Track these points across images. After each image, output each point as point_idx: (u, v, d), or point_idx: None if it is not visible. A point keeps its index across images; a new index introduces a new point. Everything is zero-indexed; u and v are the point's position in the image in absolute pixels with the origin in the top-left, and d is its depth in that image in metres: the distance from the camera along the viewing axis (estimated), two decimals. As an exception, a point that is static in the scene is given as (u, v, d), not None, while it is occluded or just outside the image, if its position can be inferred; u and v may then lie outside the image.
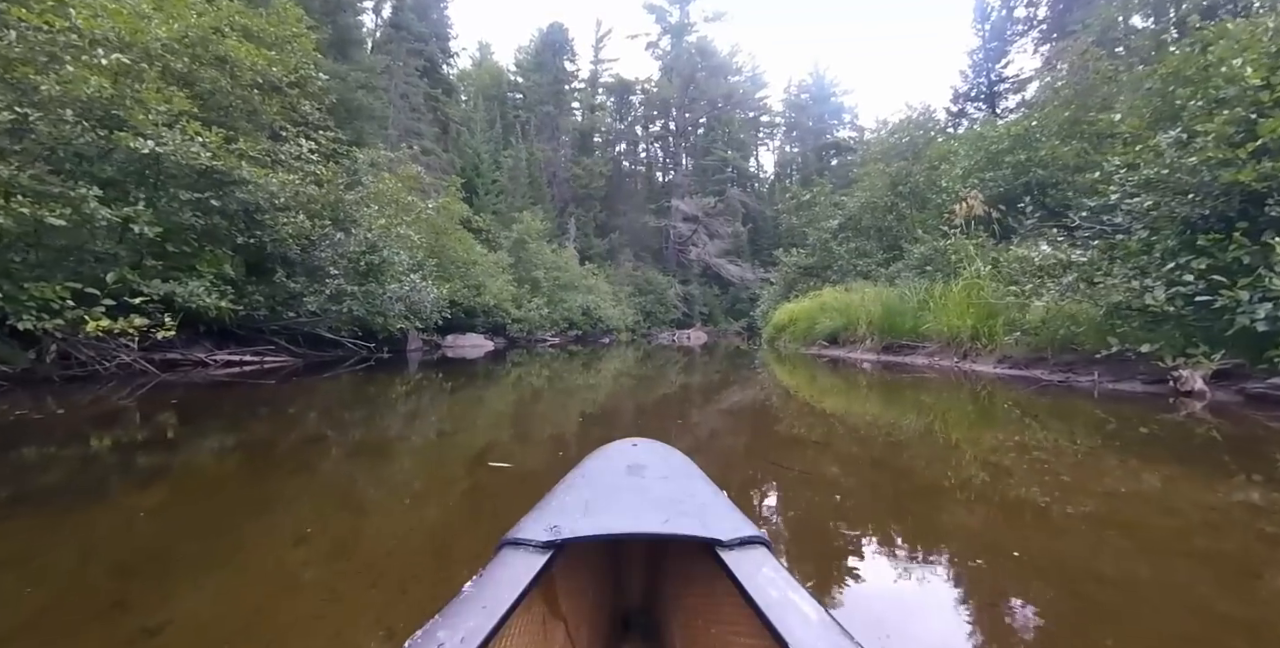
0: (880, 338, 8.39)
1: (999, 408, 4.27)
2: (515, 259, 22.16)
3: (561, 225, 35.29)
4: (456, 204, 16.34)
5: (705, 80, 45.34)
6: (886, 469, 2.62)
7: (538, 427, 4.06)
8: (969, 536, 1.74)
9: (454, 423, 4.17)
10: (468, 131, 31.96)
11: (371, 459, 2.79)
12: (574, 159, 41.75)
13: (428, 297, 10.30)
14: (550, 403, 5.30)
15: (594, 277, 27.59)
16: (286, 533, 1.76)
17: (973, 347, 6.83)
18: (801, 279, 18.00)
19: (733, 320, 40.74)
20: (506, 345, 19.09)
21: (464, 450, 3.05)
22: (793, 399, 5.19)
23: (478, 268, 16.62)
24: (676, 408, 4.75)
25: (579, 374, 8.27)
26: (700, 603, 0.88)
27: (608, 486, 0.98)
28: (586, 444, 2.36)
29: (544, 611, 0.82)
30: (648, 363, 11.15)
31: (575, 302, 23.78)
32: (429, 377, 7.67)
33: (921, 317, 7.98)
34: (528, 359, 12.10)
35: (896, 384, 5.93)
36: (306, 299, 9.36)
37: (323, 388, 6.08)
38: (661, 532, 0.79)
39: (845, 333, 9.56)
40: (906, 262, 10.37)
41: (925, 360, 7.45)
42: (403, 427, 3.88)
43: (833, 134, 53.07)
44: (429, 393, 5.88)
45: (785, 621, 0.61)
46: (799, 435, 3.54)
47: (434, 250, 15.31)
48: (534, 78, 44.40)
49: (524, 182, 32.66)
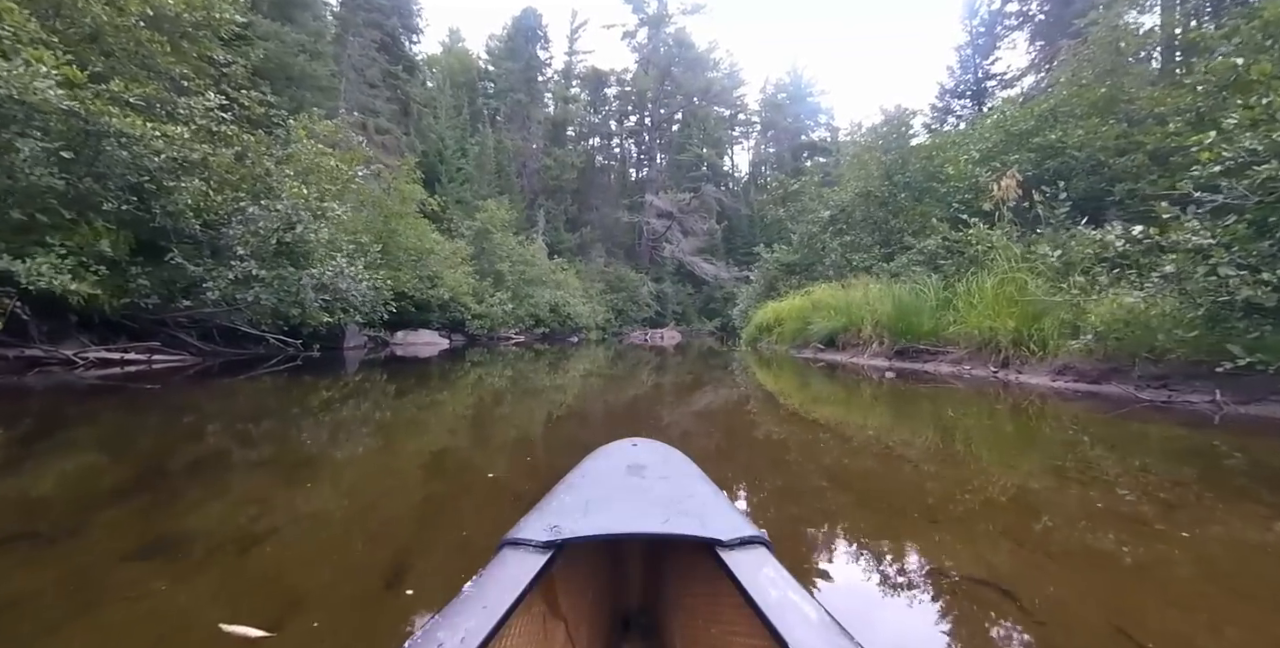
0: (891, 341, 7.21)
1: (1073, 439, 3.06)
2: (478, 250, 20.49)
3: (530, 218, 33.58)
4: (409, 185, 14.64)
5: (682, 74, 44.17)
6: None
7: (480, 455, 3.00)
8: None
9: (379, 443, 3.21)
10: (431, 116, 29.99)
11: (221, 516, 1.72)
12: (545, 150, 39.97)
13: (358, 285, 8.67)
14: (502, 417, 4.26)
15: (563, 271, 26.06)
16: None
17: (1015, 353, 5.67)
18: (784, 277, 16.89)
19: (706, 320, 39.70)
20: (466, 343, 17.51)
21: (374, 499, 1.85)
22: (802, 423, 3.90)
23: (432, 257, 14.96)
24: (661, 427, 3.43)
25: (543, 375, 7.37)
26: (700, 603, 0.88)
27: (608, 485, 0.97)
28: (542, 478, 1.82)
29: (544, 611, 0.81)
30: (619, 364, 9.84)
31: (542, 297, 22.22)
32: (369, 379, 6.55)
33: (943, 317, 6.83)
34: (488, 359, 10.77)
35: (917, 397, 4.71)
36: (207, 285, 7.67)
37: (218, 394, 5.00)
38: (661, 532, 0.78)
39: (845, 335, 8.37)
40: (912, 255, 9.25)
41: (951, 368, 6.28)
42: (308, 448, 2.92)
43: (809, 134, 52.61)
44: (361, 400, 4.87)
45: (785, 621, 0.60)
46: (809, 480, 2.25)
47: (381, 235, 13.63)
48: (505, 65, 42.43)
49: (491, 169, 30.88)
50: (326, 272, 7.87)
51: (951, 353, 6.47)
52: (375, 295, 11.73)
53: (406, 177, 15.05)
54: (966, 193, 8.96)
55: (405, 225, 14.21)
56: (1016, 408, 4.24)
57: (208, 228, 8.31)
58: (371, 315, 12.37)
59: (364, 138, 19.31)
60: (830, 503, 2.07)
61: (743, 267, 43.98)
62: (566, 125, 44.71)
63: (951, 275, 7.54)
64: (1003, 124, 8.32)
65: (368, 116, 20.35)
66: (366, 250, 12.07)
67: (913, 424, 3.74)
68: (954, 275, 7.51)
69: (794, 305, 10.73)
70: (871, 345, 7.48)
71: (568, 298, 23.91)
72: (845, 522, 1.87)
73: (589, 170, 44.14)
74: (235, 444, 2.91)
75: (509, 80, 41.78)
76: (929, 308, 7.00)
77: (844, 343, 8.32)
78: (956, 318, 6.61)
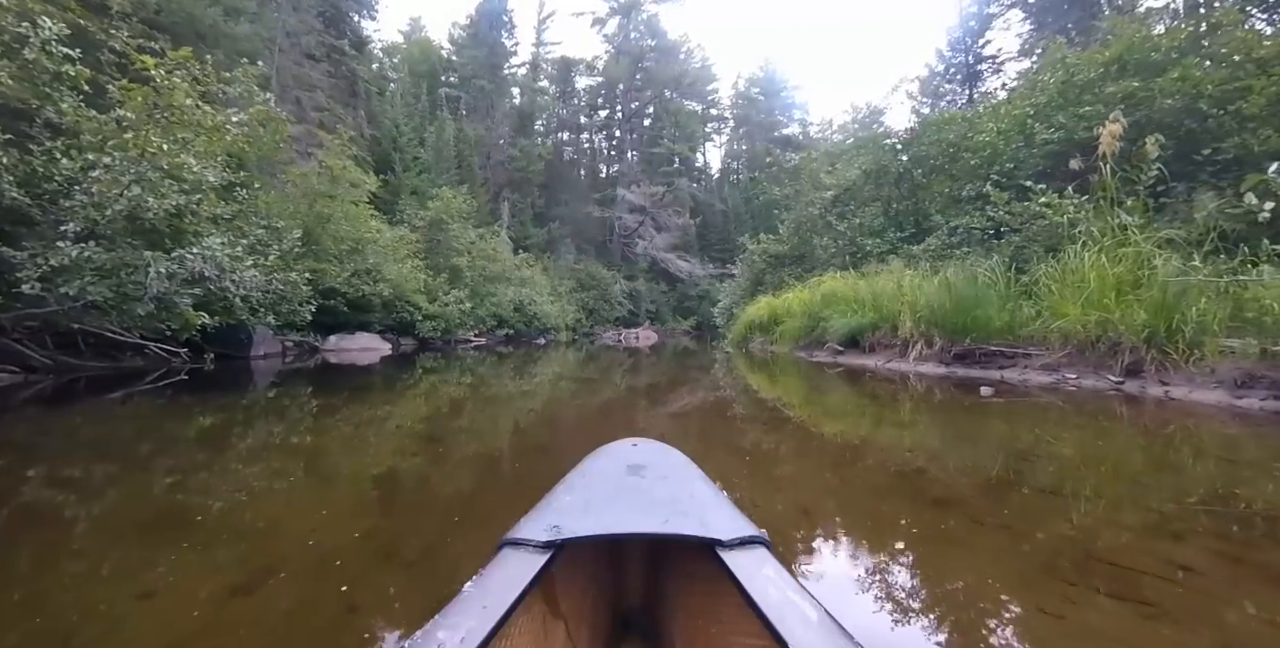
0: (946, 341, 5.52)
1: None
2: (431, 243, 18.32)
3: (494, 211, 31.34)
4: (338, 161, 12.47)
5: (654, 63, 42.49)
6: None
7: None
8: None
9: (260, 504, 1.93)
10: (385, 100, 27.51)
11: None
12: (511, 141, 37.64)
13: (243, 275, 6.57)
14: (443, 455, 2.84)
15: (529, 268, 24.00)
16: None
17: (1152, 356, 4.03)
18: (773, 269, 15.29)
19: (681, 319, 38.07)
20: (417, 348, 15.39)
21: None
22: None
23: (371, 247, 12.81)
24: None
25: (507, 382, 6.23)
26: (700, 603, 0.87)
27: (608, 485, 0.96)
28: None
29: (544, 611, 0.80)
30: (593, 368, 8.05)
31: (506, 296, 20.14)
32: (282, 396, 5.10)
33: (1018, 309, 5.19)
34: (438, 366, 9.24)
35: (1042, 431, 2.99)
36: (21, 274, 5.52)
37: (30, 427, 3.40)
38: (661, 532, 0.77)
39: (875, 334, 6.69)
40: (942, 235, 7.66)
41: (1044, 377, 4.61)
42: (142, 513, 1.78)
43: (782, 130, 51.54)
44: (262, 426, 3.61)
45: (785, 621, 0.59)
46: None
47: (305, 220, 11.47)
48: (469, 53, 39.97)
49: (450, 158, 28.57)
50: (189, 256, 5.74)
51: (1039, 355, 4.81)
52: (292, 291, 9.64)
53: (339, 153, 12.87)
54: (1009, 161, 7.40)
55: (336, 209, 12.04)
56: (1230, 447, 2.57)
57: (37, 199, 6.16)
58: (292, 317, 10.25)
59: (295, 115, 16.97)
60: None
61: (718, 264, 42.63)
62: (534, 118, 42.43)
63: (1011, 256, 5.93)
64: (1062, 75, 6.76)
65: (302, 90, 17.96)
66: (282, 236, 9.96)
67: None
68: (1015, 256, 5.90)
69: (799, 299, 9.04)
70: (916, 346, 5.79)
71: (534, 296, 21.87)
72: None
73: (557, 164, 42.02)
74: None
75: (473, 67, 39.35)
76: (997, 298, 5.35)
77: (873, 343, 6.62)
78: (1041, 309, 4.96)
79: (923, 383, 4.99)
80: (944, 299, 5.64)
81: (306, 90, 18.03)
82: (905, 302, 6.19)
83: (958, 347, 5.35)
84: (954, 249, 7.06)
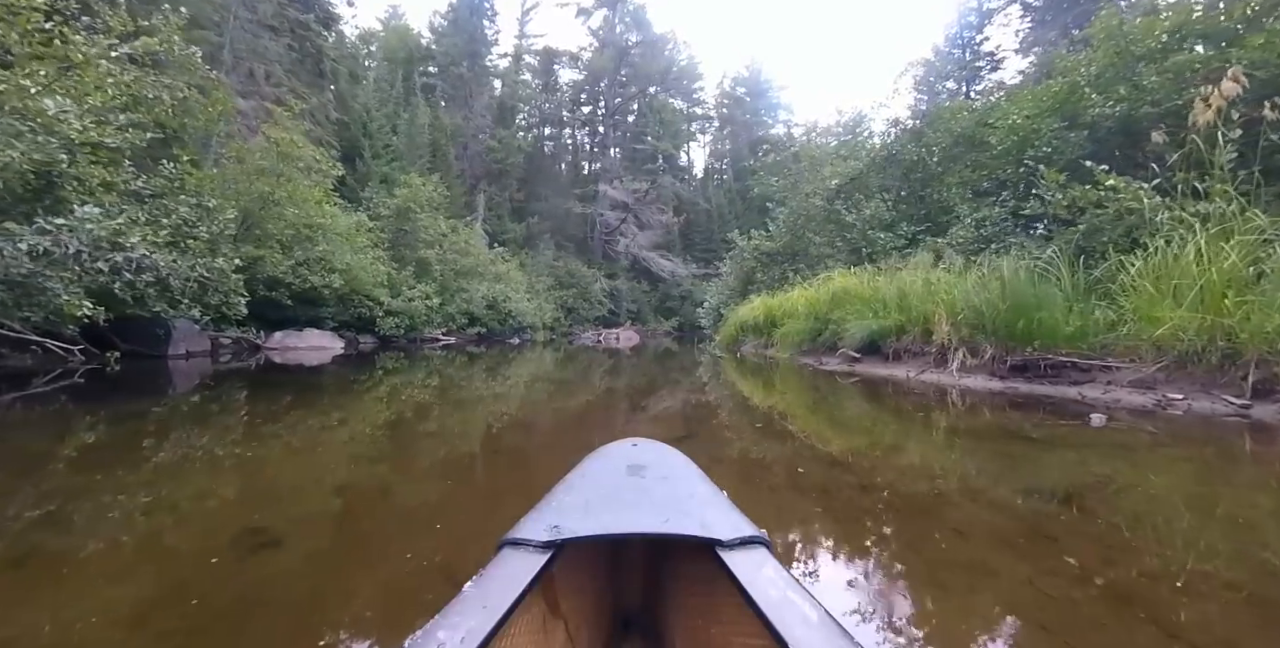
0: (999, 349, 4.57)
1: None
2: (397, 233, 16.99)
3: (470, 203, 29.93)
4: (285, 134, 11.14)
5: (640, 57, 41.42)
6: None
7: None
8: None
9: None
10: (360, 87, 25.92)
11: None
12: (490, 132, 36.14)
13: (130, 256, 5.31)
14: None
15: (504, 263, 22.71)
16: None
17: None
18: (765, 267, 14.36)
19: (663, 319, 37.05)
20: (377, 346, 14.10)
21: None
22: None
23: (322, 233, 11.49)
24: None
25: (477, 386, 5.54)
26: (700, 603, 0.86)
27: (608, 485, 0.94)
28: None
29: (544, 611, 0.79)
30: (571, 369, 7.01)
31: (478, 292, 18.87)
32: (195, 405, 4.13)
33: (1093, 311, 4.26)
34: (398, 367, 8.27)
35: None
36: None
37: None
38: (661, 532, 0.76)
39: (902, 339, 5.72)
40: (976, 226, 6.77)
41: (1137, 396, 3.66)
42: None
43: (767, 131, 50.93)
44: (179, 441, 2.70)
45: (785, 621, 0.58)
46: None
47: (242, 200, 10.15)
48: (448, 41, 38.42)
49: (424, 146, 27.10)
50: (48, 226, 4.48)
51: (1124, 369, 3.87)
52: (219, 279, 8.38)
53: (291, 127, 11.53)
54: (1045, 145, 6.53)
55: (282, 190, 10.72)
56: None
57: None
58: (225, 309, 8.97)
59: (247, 88, 15.52)
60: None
61: (701, 264, 41.74)
62: (515, 111, 40.95)
63: (1074, 249, 5.02)
64: (1118, 42, 5.89)
65: (258, 62, 16.46)
66: (213, 217, 8.68)
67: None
68: (1079, 249, 5.00)
69: (803, 298, 8.06)
70: (957, 355, 4.83)
71: (509, 293, 20.60)
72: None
73: (538, 158, 40.66)
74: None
75: (451, 55, 37.81)
76: (1062, 298, 4.42)
77: (899, 350, 5.65)
78: (1123, 313, 4.03)
79: (974, 401, 4.02)
80: (994, 299, 4.68)
81: (262, 63, 16.54)
82: (940, 301, 5.24)
83: (1016, 356, 4.40)
84: (988, 243, 6.15)
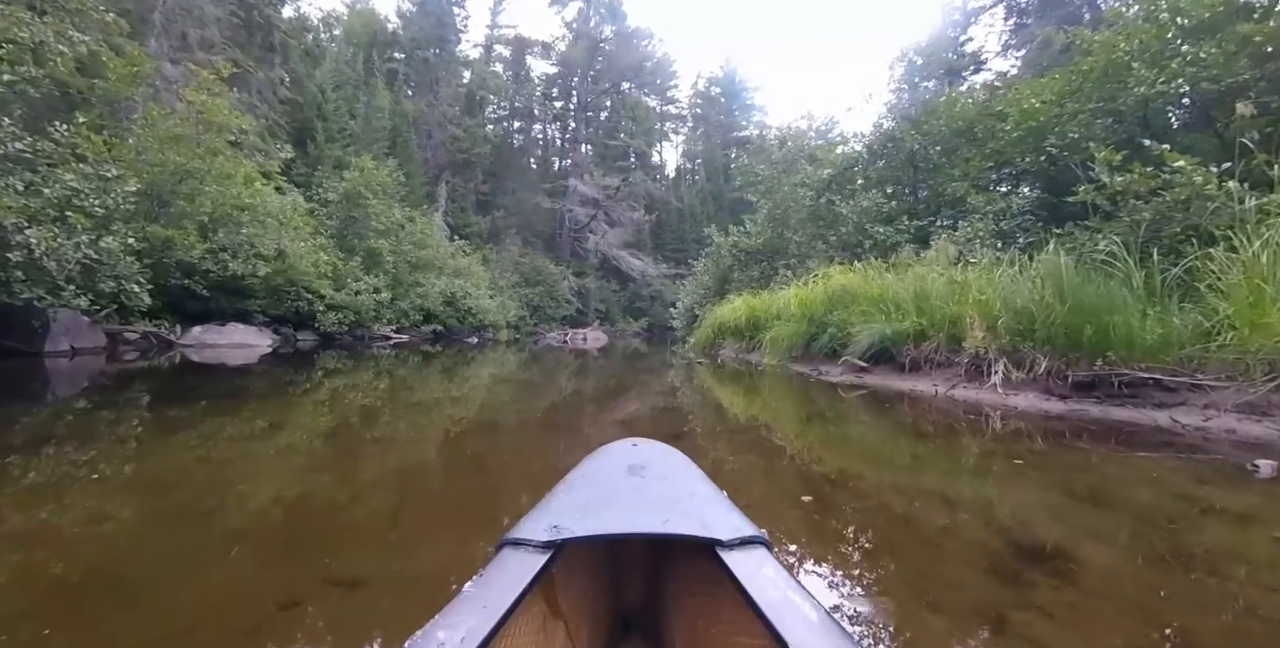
0: (1058, 360, 3.69)
1: None
2: (345, 220, 15.51)
3: (431, 193, 28.32)
4: (204, 97, 9.68)
5: (614, 49, 40.33)
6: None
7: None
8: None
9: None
10: (315, 66, 24.04)
11: None
12: (456, 120, 34.46)
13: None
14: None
15: (465, 256, 21.32)
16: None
17: None
18: (742, 266, 13.50)
19: (632, 320, 36.04)
20: (318, 344, 12.66)
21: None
22: None
23: (249, 214, 10.05)
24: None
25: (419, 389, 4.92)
26: (700, 603, 0.86)
27: (608, 486, 0.93)
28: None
29: (544, 611, 0.79)
30: (529, 373, 5.95)
31: (435, 287, 17.49)
32: (88, 416, 3.16)
33: (1168, 314, 3.42)
34: (337, 368, 7.28)
35: None
36: None
37: None
38: (661, 532, 0.75)
39: (922, 347, 4.83)
40: (996, 219, 5.97)
41: (1255, 426, 2.81)
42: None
43: (740, 132, 50.49)
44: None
45: (785, 621, 0.58)
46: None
47: (151, 172, 8.70)
48: (415, 26, 36.60)
49: (383, 129, 25.41)
50: None
51: (1224, 388, 3.03)
52: (111, 261, 7.02)
53: (216, 90, 10.06)
54: (1074, 129, 5.77)
55: (199, 160, 9.27)
56: None
57: None
58: (123, 298, 7.58)
59: (177, 51, 13.82)
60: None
61: (672, 264, 40.91)
62: (485, 102, 39.27)
63: (1138, 240, 4.20)
64: (1164, 12, 5.15)
65: (192, 26, 14.75)
66: (112, 189, 7.28)
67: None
68: (1147, 240, 4.19)
69: (797, 298, 7.15)
70: (995, 367, 3.95)
71: (470, 289, 19.26)
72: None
73: (506, 150, 39.11)
74: None
75: (418, 39, 36.01)
76: (1133, 300, 3.56)
77: (919, 360, 4.76)
78: (1219, 319, 3.19)
79: (1031, 428, 3.14)
80: (1047, 301, 3.81)
81: (197, 27, 14.84)
82: (973, 303, 4.37)
83: (1079, 371, 3.54)
84: (1006, 236, 5.35)
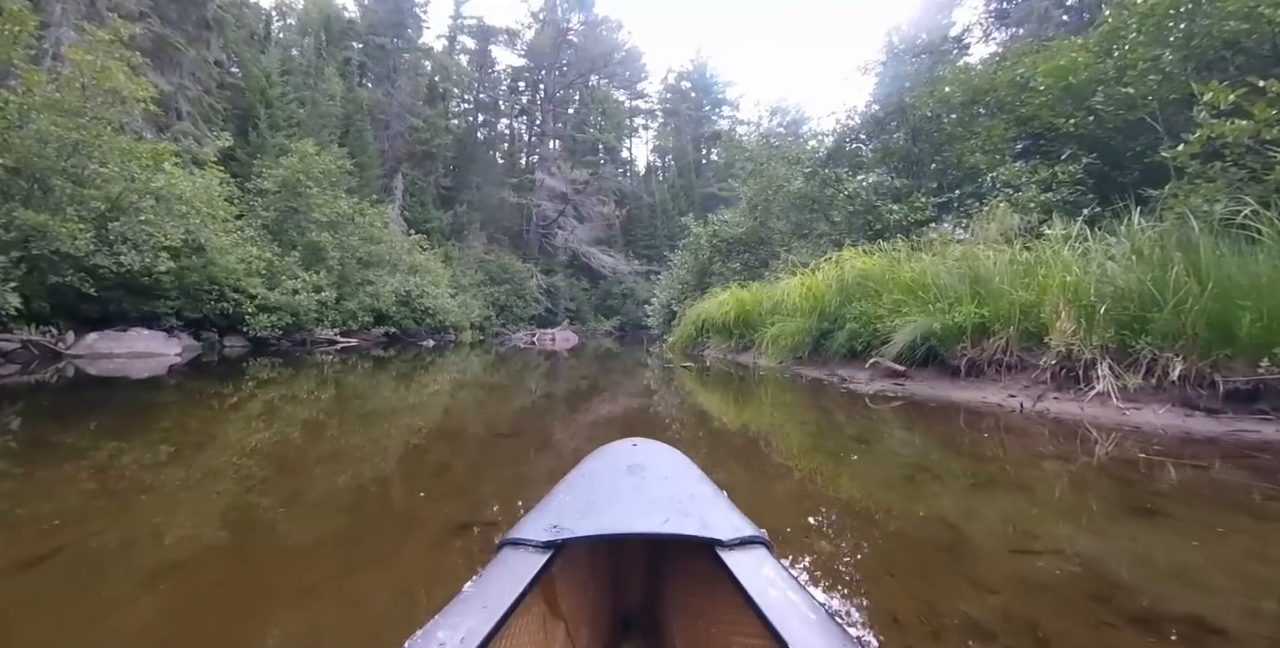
0: (1201, 362, 2.69)
1: None
2: (284, 211, 13.90)
3: (387, 186, 26.54)
4: (96, 55, 8.09)
5: (581, 38, 38.96)
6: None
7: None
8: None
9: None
10: (264, 51, 22.04)
11: None
12: (415, 110, 32.56)
13: None
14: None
15: (422, 251, 19.75)
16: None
17: None
18: (724, 257, 12.45)
19: (604, 319, 34.76)
20: (249, 350, 11.09)
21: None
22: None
23: (152, 200, 8.48)
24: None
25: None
26: (700, 603, 0.86)
27: (608, 485, 0.93)
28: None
29: (544, 611, 0.79)
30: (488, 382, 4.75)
31: (388, 285, 15.96)
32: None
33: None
34: (271, 379, 6.31)
35: None
36: None
37: None
38: (661, 532, 0.75)
39: (983, 345, 3.79)
40: (1040, 188, 5.02)
41: None
42: None
43: (711, 127, 49.68)
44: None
45: (785, 621, 0.58)
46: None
47: (25, 142, 7.15)
48: (372, 12, 34.59)
49: (333, 116, 23.57)
50: None
51: None
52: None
53: (112, 52, 8.46)
54: (1125, 84, 4.85)
55: (83, 131, 7.70)
56: None
57: None
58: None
59: (80, 15, 11.99)
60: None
61: (644, 260, 39.77)
62: (448, 95, 37.36)
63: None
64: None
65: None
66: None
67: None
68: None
69: (800, 288, 6.07)
70: (1098, 370, 2.92)
71: (428, 288, 17.75)
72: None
73: (470, 143, 37.34)
74: None
75: (376, 26, 33.99)
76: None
77: (980, 361, 3.71)
78: None
79: (1193, 459, 2.08)
80: (1173, 280, 2.80)
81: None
82: (1057, 285, 3.34)
83: (1233, 377, 2.54)
84: (1049, 210, 4.41)
